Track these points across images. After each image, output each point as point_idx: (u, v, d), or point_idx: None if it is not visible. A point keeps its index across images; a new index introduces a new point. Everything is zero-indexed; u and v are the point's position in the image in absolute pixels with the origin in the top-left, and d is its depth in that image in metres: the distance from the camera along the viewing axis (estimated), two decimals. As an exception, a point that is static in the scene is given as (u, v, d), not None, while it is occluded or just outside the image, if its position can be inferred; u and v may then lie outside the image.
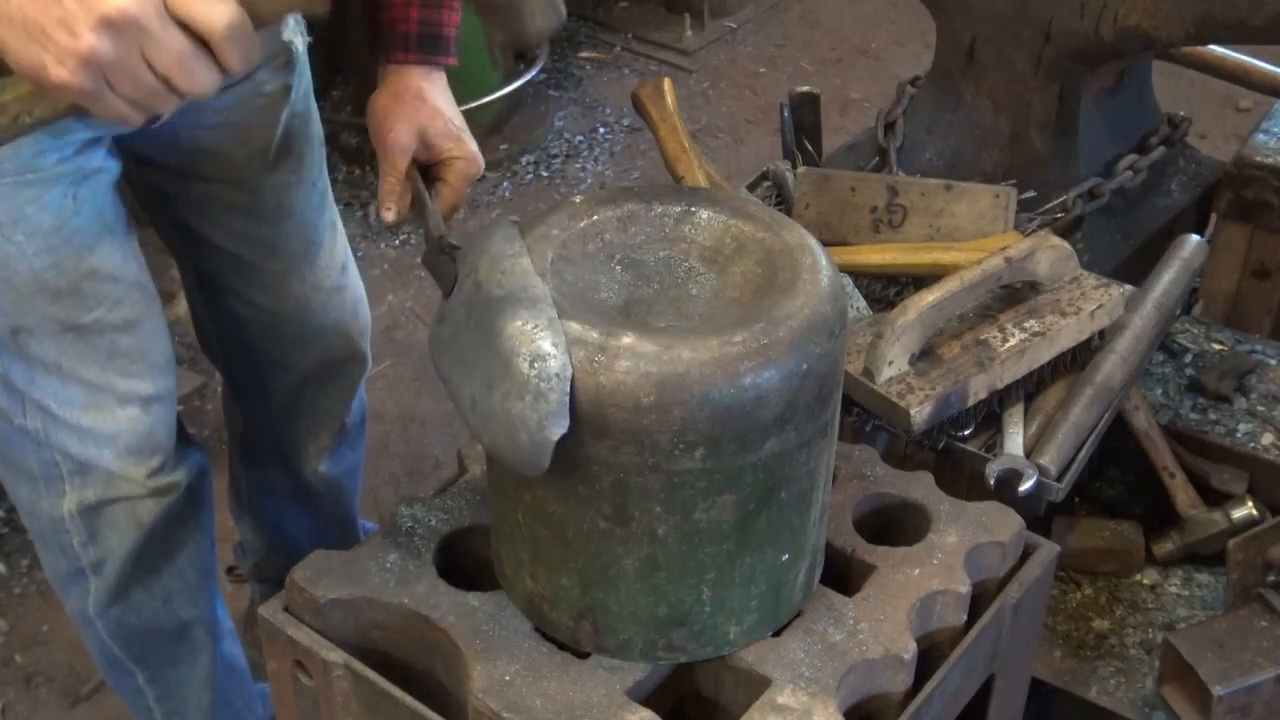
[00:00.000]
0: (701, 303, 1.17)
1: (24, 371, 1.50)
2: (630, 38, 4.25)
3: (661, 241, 1.22)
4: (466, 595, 1.25)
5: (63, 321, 1.47)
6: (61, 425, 1.53)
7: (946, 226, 1.81)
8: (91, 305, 1.48)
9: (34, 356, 1.48)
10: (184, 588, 1.72)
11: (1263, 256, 2.14)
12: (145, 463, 1.58)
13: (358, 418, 1.98)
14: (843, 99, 3.91)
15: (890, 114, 2.10)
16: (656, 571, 1.14)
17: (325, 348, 1.83)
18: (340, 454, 1.98)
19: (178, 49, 0.99)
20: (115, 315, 1.50)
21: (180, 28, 0.99)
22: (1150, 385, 1.85)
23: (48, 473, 1.58)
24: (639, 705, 1.16)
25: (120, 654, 1.74)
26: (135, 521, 1.62)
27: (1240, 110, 3.74)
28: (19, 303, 1.45)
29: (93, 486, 1.58)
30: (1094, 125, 2.01)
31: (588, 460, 1.09)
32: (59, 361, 1.49)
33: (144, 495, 1.60)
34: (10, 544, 2.53)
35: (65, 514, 1.60)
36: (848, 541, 1.32)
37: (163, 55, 0.99)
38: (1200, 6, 1.73)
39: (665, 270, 1.20)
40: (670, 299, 1.18)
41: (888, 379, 1.54)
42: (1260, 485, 1.74)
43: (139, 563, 1.65)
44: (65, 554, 1.65)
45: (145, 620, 1.71)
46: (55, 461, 1.57)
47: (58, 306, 1.46)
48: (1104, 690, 1.60)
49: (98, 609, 1.68)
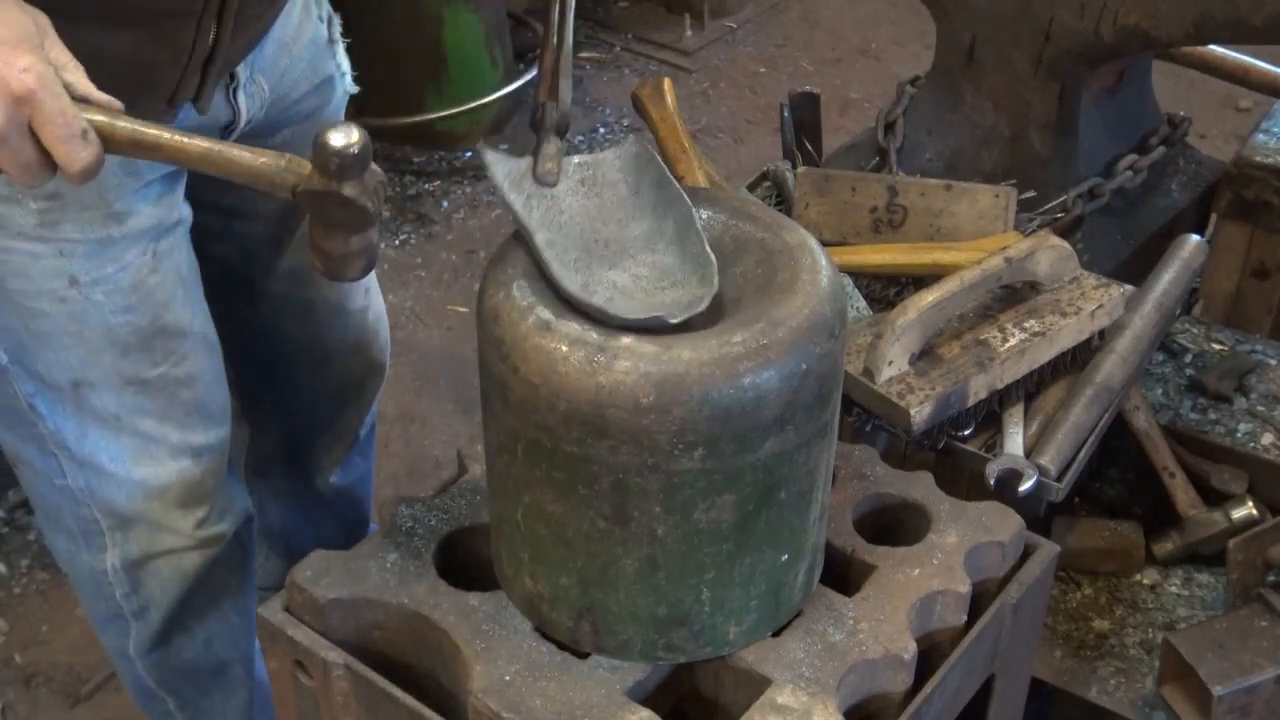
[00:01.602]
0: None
1: (75, 427, 1.47)
2: (630, 38, 4.25)
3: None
4: (466, 595, 1.25)
5: (127, 376, 1.45)
6: (110, 480, 1.50)
7: (946, 226, 1.81)
8: (159, 360, 1.46)
9: (92, 409, 1.46)
10: (226, 630, 1.70)
11: (1263, 256, 2.14)
12: (193, 514, 1.56)
13: (368, 426, 1.97)
14: (843, 99, 3.91)
15: (890, 114, 2.10)
16: (656, 571, 1.14)
17: (346, 367, 1.82)
18: (351, 464, 1.96)
19: (73, 128, 1.03)
20: (179, 370, 1.48)
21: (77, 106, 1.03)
22: (1150, 385, 1.85)
23: (86, 530, 1.56)
24: (639, 705, 1.16)
25: (155, 687, 1.73)
26: (181, 574, 1.60)
27: (1240, 110, 3.74)
28: (87, 357, 1.42)
29: (136, 541, 1.56)
30: (1094, 125, 2.01)
31: (587, 460, 1.09)
32: (117, 414, 1.47)
33: (190, 547, 1.58)
34: (10, 544, 2.53)
35: (108, 568, 1.58)
36: (848, 541, 1.32)
37: (53, 130, 1.03)
38: (1200, 6, 1.73)
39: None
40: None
41: (888, 379, 1.54)
42: (1260, 485, 1.74)
43: (183, 610, 1.64)
44: (106, 601, 1.63)
45: (185, 662, 1.70)
46: (95, 519, 1.54)
47: (125, 361, 1.44)
48: (1104, 690, 1.60)
49: (138, 651, 1.67)
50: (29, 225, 1.33)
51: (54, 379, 1.43)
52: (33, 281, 1.36)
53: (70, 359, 1.42)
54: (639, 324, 1.11)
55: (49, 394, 1.45)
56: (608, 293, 1.16)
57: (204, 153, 1.12)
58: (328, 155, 1.09)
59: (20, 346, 1.41)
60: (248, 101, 1.45)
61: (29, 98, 1.02)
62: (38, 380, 1.44)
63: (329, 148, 1.09)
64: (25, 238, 1.34)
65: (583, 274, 1.17)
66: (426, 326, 3.03)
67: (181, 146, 1.12)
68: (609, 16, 4.35)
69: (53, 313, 1.38)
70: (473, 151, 3.62)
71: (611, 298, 1.15)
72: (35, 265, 1.35)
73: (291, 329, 1.74)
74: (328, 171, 1.10)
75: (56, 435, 1.48)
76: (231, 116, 1.44)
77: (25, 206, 1.32)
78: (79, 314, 1.39)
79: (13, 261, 1.35)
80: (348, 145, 1.09)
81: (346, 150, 1.08)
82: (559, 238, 1.20)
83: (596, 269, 1.18)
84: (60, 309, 1.38)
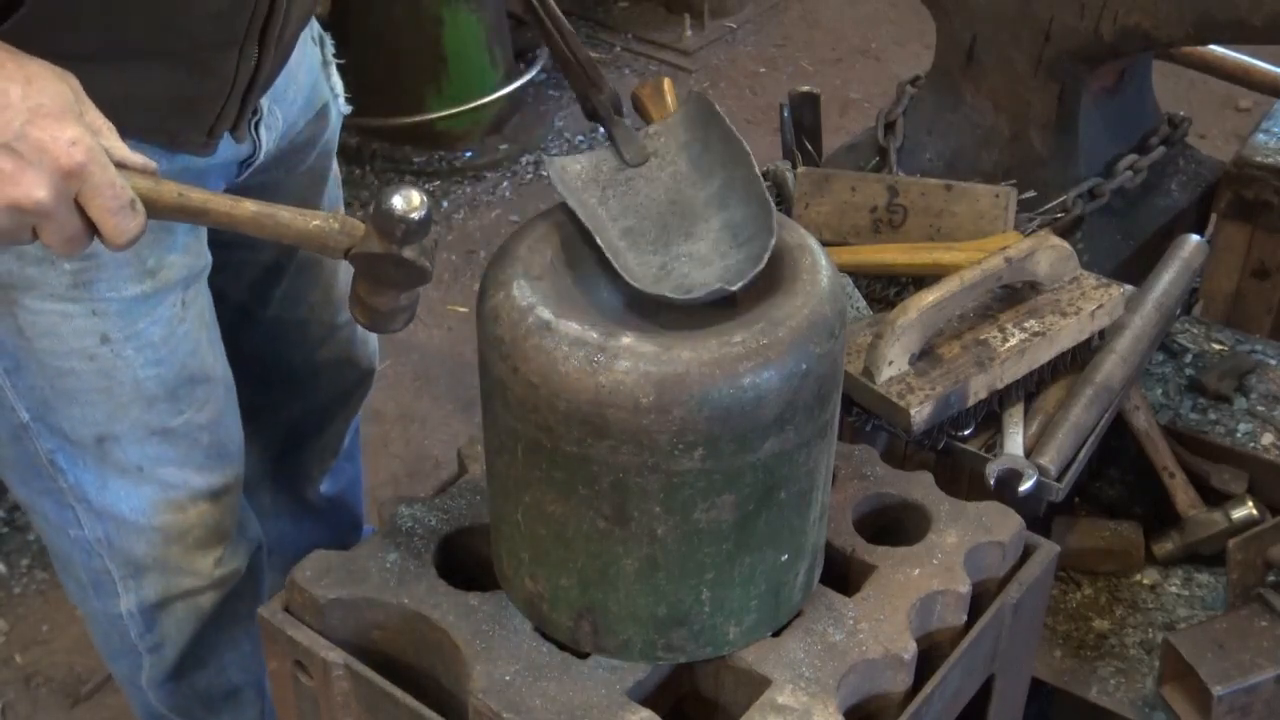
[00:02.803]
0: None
1: (96, 479, 1.45)
2: (630, 38, 4.25)
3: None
4: (466, 595, 1.25)
5: (153, 427, 1.43)
6: (130, 529, 1.49)
7: (946, 226, 1.81)
8: (183, 408, 1.44)
9: (115, 462, 1.44)
10: (238, 657, 1.69)
11: (1263, 256, 2.14)
12: (211, 554, 1.55)
13: (353, 431, 1.96)
14: (843, 99, 3.91)
15: (890, 114, 2.10)
16: (656, 571, 1.14)
17: (335, 381, 1.81)
18: (339, 470, 1.95)
19: (121, 200, 1.01)
20: (201, 416, 1.47)
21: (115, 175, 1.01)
22: (1150, 385, 1.85)
23: (96, 580, 1.55)
24: (639, 705, 1.16)
25: (166, 712, 1.72)
26: (197, 613, 1.59)
27: (1240, 110, 3.74)
28: (114, 411, 1.40)
29: (152, 586, 1.54)
30: (1094, 125, 2.01)
31: (587, 460, 1.09)
32: (140, 465, 1.45)
33: (207, 587, 1.57)
34: (10, 544, 2.53)
35: (123, 612, 1.57)
36: (848, 541, 1.32)
37: (102, 203, 1.01)
38: (1200, 6, 1.73)
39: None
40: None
41: (888, 379, 1.54)
42: (1260, 485, 1.74)
43: (197, 645, 1.63)
44: (120, 637, 1.61)
45: (198, 690, 1.69)
46: (106, 569, 1.53)
47: (151, 413, 1.42)
48: (1104, 690, 1.60)
49: (151, 684, 1.66)
50: (62, 286, 1.30)
51: (78, 435, 1.41)
52: (63, 341, 1.33)
53: (97, 414, 1.40)
54: (704, 299, 1.11)
55: (71, 450, 1.42)
56: (685, 266, 1.17)
57: (253, 216, 1.10)
58: (393, 221, 1.08)
59: (44, 404, 1.39)
60: (268, 134, 1.43)
61: (79, 171, 1.00)
62: (60, 437, 1.41)
63: (394, 214, 1.07)
64: (57, 299, 1.31)
65: (660, 254, 1.18)
66: (426, 326, 3.03)
67: (230, 210, 1.10)
68: (609, 16, 4.35)
69: (81, 370, 1.36)
70: (473, 151, 3.62)
71: (688, 272, 1.16)
72: (66, 325, 1.33)
73: (282, 350, 1.73)
74: (390, 236, 1.09)
75: (76, 489, 1.46)
76: (252, 150, 1.42)
77: (59, 268, 1.29)
78: (108, 370, 1.37)
79: (42, 323, 1.32)
80: (411, 210, 1.07)
81: (410, 215, 1.07)
82: (638, 222, 1.21)
83: (674, 244, 1.20)
84: (89, 366, 1.36)
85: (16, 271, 1.28)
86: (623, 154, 1.25)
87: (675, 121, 1.27)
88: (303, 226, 1.11)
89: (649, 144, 1.26)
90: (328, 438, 1.89)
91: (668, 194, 1.23)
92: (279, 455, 1.89)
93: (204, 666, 1.66)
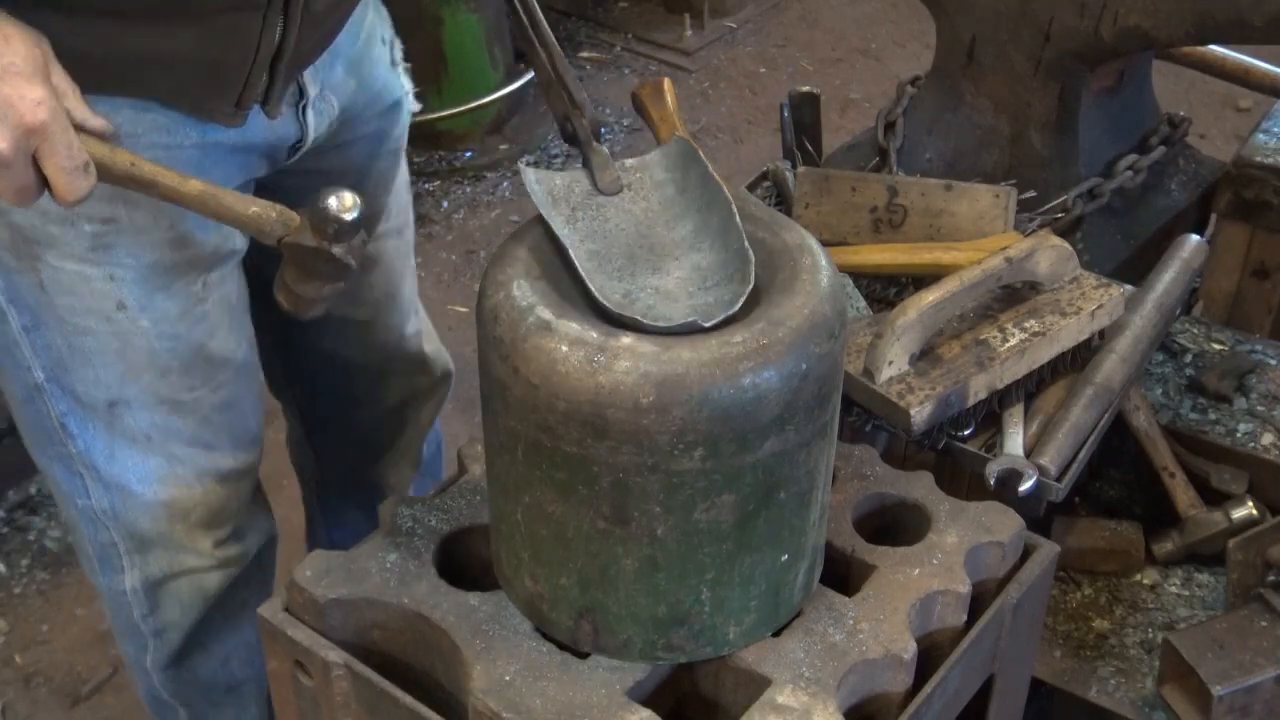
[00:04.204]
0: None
1: (105, 447, 1.47)
2: (630, 38, 4.25)
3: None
4: (466, 595, 1.25)
5: (163, 396, 1.45)
6: (135, 501, 1.50)
7: (946, 226, 1.81)
8: (196, 385, 1.46)
9: (124, 429, 1.46)
10: (243, 649, 1.70)
11: (1263, 256, 2.14)
12: (213, 534, 1.56)
13: (434, 447, 1.95)
14: (843, 99, 3.91)
15: (890, 114, 2.10)
16: (656, 572, 1.14)
17: (404, 385, 1.81)
18: (423, 487, 1.94)
19: (76, 161, 1.09)
20: (216, 396, 1.48)
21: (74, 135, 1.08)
22: (1150, 385, 1.85)
23: (103, 554, 1.56)
24: (639, 705, 1.16)
25: (169, 698, 1.73)
26: (201, 593, 1.60)
27: (1240, 110, 3.74)
28: (125, 375, 1.42)
29: (156, 562, 1.56)
30: (1094, 125, 2.01)
31: (587, 460, 1.09)
32: (149, 434, 1.47)
33: (211, 567, 1.58)
34: (10, 544, 2.53)
35: (127, 589, 1.58)
36: (848, 541, 1.32)
37: (57, 161, 1.09)
38: (1200, 6, 1.73)
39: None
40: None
41: (888, 379, 1.54)
42: (1260, 485, 1.74)
43: (201, 630, 1.64)
44: (126, 617, 1.63)
45: (201, 678, 1.70)
46: (112, 543, 1.54)
47: (163, 382, 1.44)
48: (1104, 690, 1.60)
49: (155, 666, 1.67)
50: (82, 248, 1.32)
51: (90, 397, 1.43)
52: (81, 300, 1.36)
53: (109, 377, 1.41)
54: (674, 330, 1.10)
55: (82, 413, 1.44)
56: (650, 299, 1.16)
57: (199, 194, 1.18)
58: (327, 219, 1.18)
59: (59, 364, 1.41)
60: (316, 119, 1.44)
61: (40, 129, 1.07)
62: (72, 398, 1.43)
63: (329, 213, 1.18)
64: (77, 259, 1.33)
65: (626, 281, 1.17)
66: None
67: (176, 186, 1.17)
68: (609, 16, 4.35)
69: (98, 330, 1.38)
70: (473, 151, 3.62)
71: (654, 304, 1.15)
72: (85, 287, 1.35)
73: (348, 352, 1.73)
74: (323, 233, 1.19)
75: (85, 455, 1.47)
76: (299, 134, 1.43)
77: (79, 229, 1.31)
78: (123, 334, 1.39)
79: (63, 280, 1.34)
80: (344, 211, 1.18)
81: (343, 216, 1.18)
82: (604, 247, 1.20)
83: (640, 275, 1.18)
84: (105, 328, 1.38)
85: (39, 228, 1.31)
86: (597, 181, 1.25)
87: (653, 159, 1.27)
88: (242, 210, 1.19)
89: (624, 176, 1.26)
90: (403, 447, 1.88)
91: (637, 228, 1.23)
92: (357, 468, 1.89)
93: (207, 652, 1.67)
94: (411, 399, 1.84)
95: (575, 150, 1.31)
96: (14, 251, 1.33)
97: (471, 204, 3.50)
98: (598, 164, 1.26)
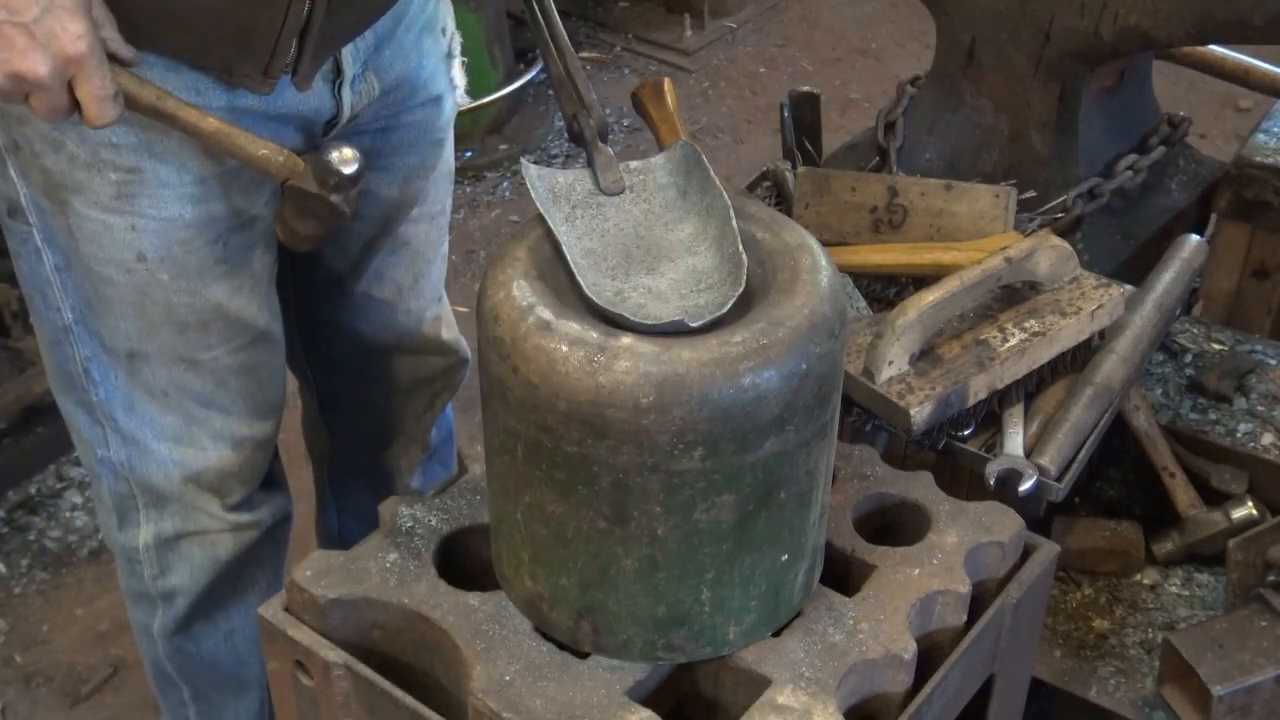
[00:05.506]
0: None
1: (125, 398, 1.49)
2: (630, 38, 4.25)
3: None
4: (466, 595, 1.25)
5: (180, 353, 1.47)
6: (151, 457, 1.53)
7: (946, 226, 1.81)
8: (213, 344, 1.48)
9: (144, 381, 1.48)
10: (247, 625, 1.71)
11: (1263, 256, 2.14)
12: (226, 498, 1.58)
13: (445, 433, 1.95)
14: (843, 99, 3.91)
15: (890, 114, 2.10)
16: (656, 571, 1.14)
17: (420, 365, 1.81)
18: (432, 471, 1.94)
19: (107, 90, 1.19)
20: (233, 359, 1.50)
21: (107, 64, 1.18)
22: (1150, 385, 1.85)
23: (121, 505, 1.59)
24: (639, 705, 1.16)
25: (172, 672, 1.74)
26: (211, 557, 1.61)
27: (1240, 110, 3.74)
28: (144, 328, 1.44)
29: (171, 519, 1.58)
30: (1094, 125, 2.01)
31: (587, 460, 1.09)
32: (166, 390, 1.49)
33: (222, 530, 1.60)
34: (10, 544, 2.53)
35: (140, 546, 1.60)
36: (848, 541, 1.32)
37: (90, 90, 1.18)
38: (1200, 6, 1.73)
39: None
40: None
41: (888, 379, 1.54)
42: (1260, 485, 1.74)
43: (208, 597, 1.65)
44: (137, 578, 1.65)
45: (205, 651, 1.71)
46: (131, 494, 1.57)
47: (181, 339, 1.46)
48: (1104, 690, 1.60)
49: (161, 633, 1.69)
50: (106, 196, 1.35)
51: (113, 345, 1.46)
52: (104, 249, 1.39)
53: (129, 328, 1.44)
54: (660, 329, 1.10)
55: (105, 359, 1.47)
56: (642, 298, 1.16)
57: (214, 130, 1.28)
58: (329, 170, 1.32)
59: (87, 306, 1.44)
60: (354, 98, 1.45)
61: (78, 60, 1.16)
62: (97, 343, 1.47)
63: (330, 165, 1.32)
64: (101, 208, 1.36)
65: (619, 280, 1.18)
66: (426, 326, 3.03)
67: (195, 121, 1.28)
68: (609, 16, 4.35)
69: (119, 281, 1.41)
70: (473, 151, 3.62)
71: (644, 303, 1.15)
72: (108, 235, 1.38)
73: (367, 328, 1.74)
74: (324, 182, 1.32)
75: (106, 405, 1.50)
76: (335, 111, 1.44)
77: (105, 176, 1.34)
78: (143, 287, 1.41)
79: (88, 228, 1.38)
80: (344, 164, 1.32)
81: (342, 169, 1.32)
82: (600, 245, 1.21)
83: (634, 275, 1.19)
84: (126, 279, 1.41)
85: (68, 173, 1.35)
86: (599, 181, 1.25)
87: (657, 162, 1.27)
88: (252, 150, 1.30)
89: (628, 178, 1.26)
90: (414, 429, 1.89)
91: (636, 228, 1.23)
92: (371, 444, 1.90)
93: (212, 623, 1.68)
94: (426, 382, 1.84)
95: (577, 150, 1.31)
96: (47, 195, 1.38)
97: (471, 204, 3.51)
98: (602, 164, 1.26)
